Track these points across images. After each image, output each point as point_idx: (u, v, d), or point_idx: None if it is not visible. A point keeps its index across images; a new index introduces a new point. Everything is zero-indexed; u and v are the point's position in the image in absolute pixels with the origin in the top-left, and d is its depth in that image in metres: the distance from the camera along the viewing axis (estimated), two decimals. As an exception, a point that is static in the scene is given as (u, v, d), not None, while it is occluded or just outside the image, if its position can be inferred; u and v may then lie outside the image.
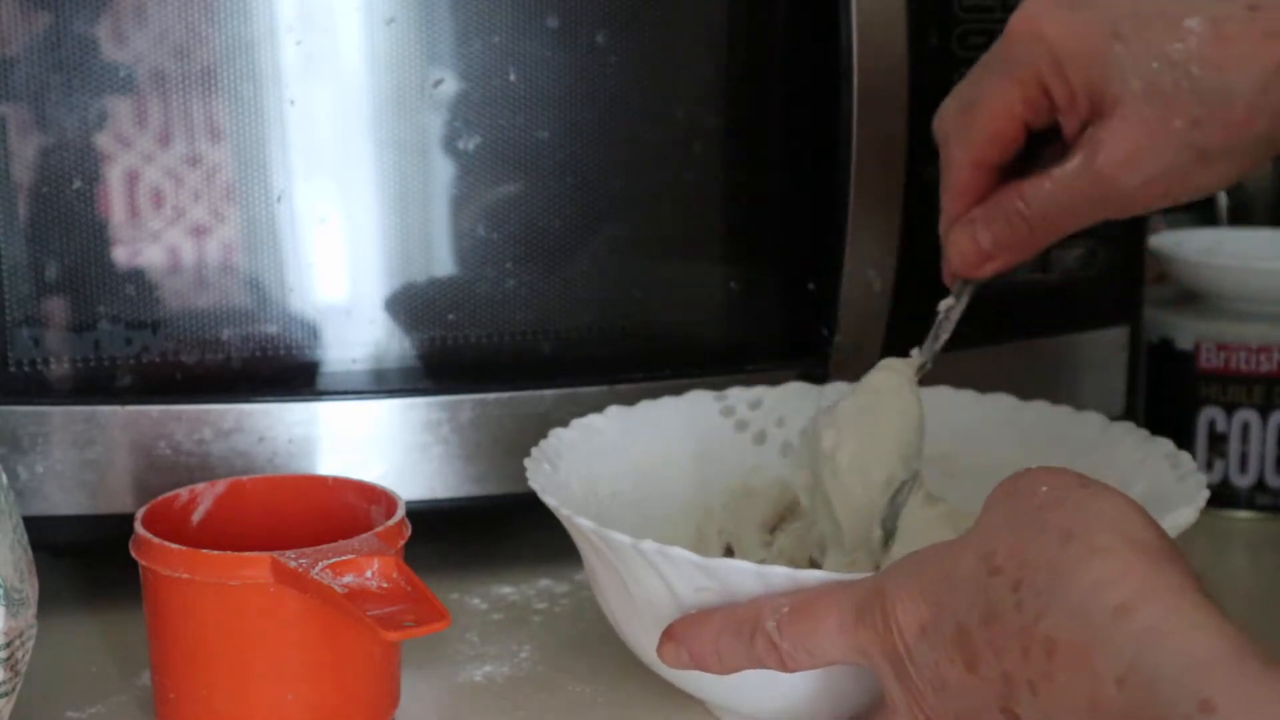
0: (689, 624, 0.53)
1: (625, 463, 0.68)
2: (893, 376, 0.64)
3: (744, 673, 0.53)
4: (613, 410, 0.69)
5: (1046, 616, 0.43)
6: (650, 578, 0.55)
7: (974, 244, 0.60)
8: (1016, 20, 0.57)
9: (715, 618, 0.53)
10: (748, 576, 0.52)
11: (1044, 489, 0.47)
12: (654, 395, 0.71)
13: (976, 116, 0.59)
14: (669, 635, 0.54)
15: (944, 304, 0.64)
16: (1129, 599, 0.42)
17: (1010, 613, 0.44)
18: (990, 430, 0.71)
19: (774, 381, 0.73)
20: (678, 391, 0.71)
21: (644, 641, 0.58)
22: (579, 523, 0.56)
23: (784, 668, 0.51)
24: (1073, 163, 0.56)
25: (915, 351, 0.64)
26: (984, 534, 0.47)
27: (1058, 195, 0.57)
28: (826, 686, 0.54)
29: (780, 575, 0.52)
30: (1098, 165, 0.56)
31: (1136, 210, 0.58)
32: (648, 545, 0.54)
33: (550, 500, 0.58)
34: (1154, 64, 0.54)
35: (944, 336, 0.64)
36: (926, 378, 0.64)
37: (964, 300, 0.63)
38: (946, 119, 0.60)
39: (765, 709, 0.57)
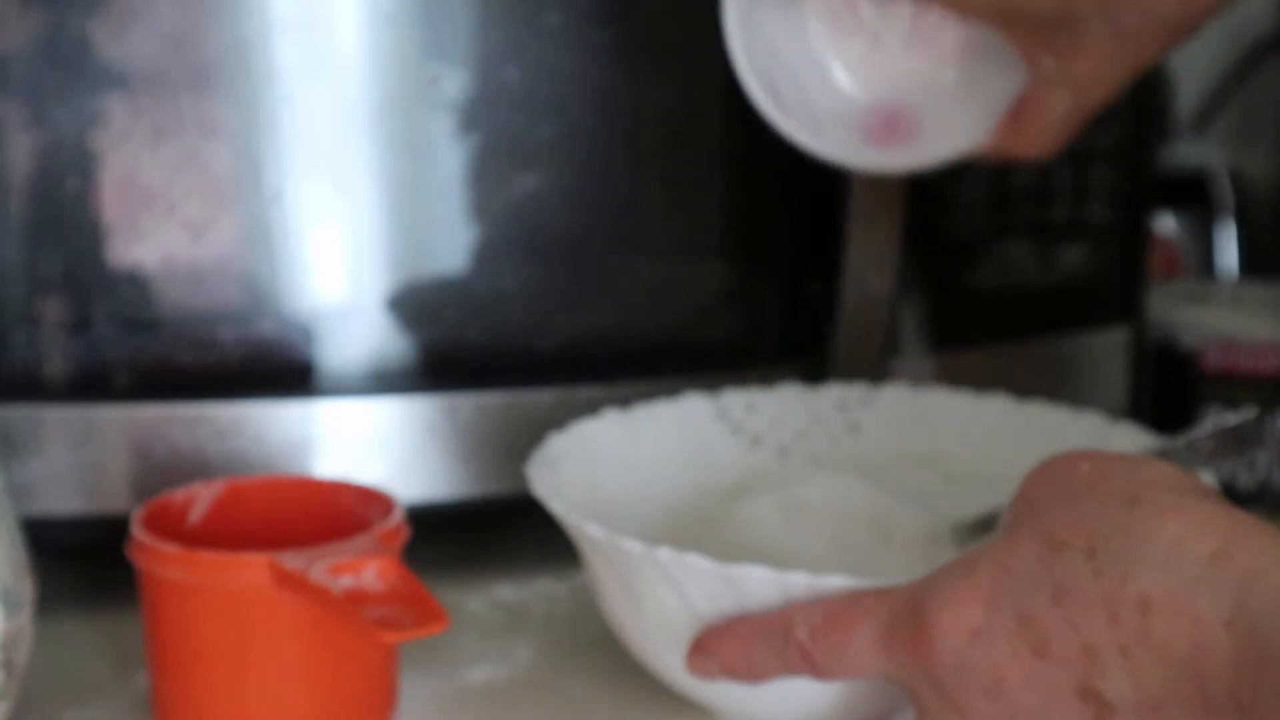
0: (718, 634, 0.53)
1: (623, 468, 0.68)
2: None
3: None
4: (609, 414, 0.68)
5: (1133, 576, 0.42)
6: (663, 585, 0.54)
7: None
8: None
9: (744, 627, 0.52)
10: (766, 584, 0.52)
11: (1085, 466, 0.46)
12: (654, 395, 0.71)
13: None
14: (698, 647, 0.53)
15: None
16: (1221, 545, 0.41)
17: (1088, 581, 0.43)
18: (988, 431, 0.70)
19: (773, 382, 0.73)
20: (676, 391, 0.71)
21: (650, 648, 0.57)
22: (588, 529, 0.55)
23: (818, 676, 0.50)
24: None
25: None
26: (1033, 519, 0.46)
27: None
28: (846, 692, 0.53)
29: (799, 582, 0.51)
30: None
31: None
32: (663, 552, 0.53)
33: (557, 507, 0.58)
34: None
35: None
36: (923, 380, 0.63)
37: None
38: None
39: (781, 716, 0.56)
